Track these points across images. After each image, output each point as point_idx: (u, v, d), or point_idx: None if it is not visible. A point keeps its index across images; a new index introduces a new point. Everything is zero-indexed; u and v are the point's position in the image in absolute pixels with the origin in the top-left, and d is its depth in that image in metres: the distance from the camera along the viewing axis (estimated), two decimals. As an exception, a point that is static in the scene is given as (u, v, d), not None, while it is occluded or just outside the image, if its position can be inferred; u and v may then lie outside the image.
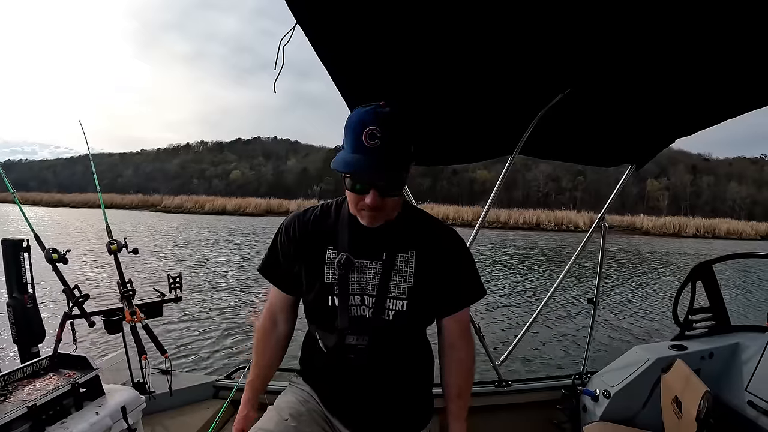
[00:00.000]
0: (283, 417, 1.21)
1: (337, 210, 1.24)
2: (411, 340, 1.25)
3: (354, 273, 1.16)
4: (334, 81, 1.50)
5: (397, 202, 1.13)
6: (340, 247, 1.18)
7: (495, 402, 2.38)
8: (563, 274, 2.61)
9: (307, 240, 1.22)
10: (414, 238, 1.19)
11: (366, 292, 1.16)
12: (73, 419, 1.37)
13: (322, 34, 1.26)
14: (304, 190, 70.49)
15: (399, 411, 1.24)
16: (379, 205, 1.06)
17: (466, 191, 65.11)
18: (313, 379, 1.31)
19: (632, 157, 2.40)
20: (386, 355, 1.18)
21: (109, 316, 1.96)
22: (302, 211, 1.29)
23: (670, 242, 29.18)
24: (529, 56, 1.47)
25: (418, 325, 1.23)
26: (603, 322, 7.57)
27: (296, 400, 1.28)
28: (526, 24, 1.28)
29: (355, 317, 1.17)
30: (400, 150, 1.03)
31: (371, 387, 1.21)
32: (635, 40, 1.36)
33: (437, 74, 1.55)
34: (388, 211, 1.10)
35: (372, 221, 1.10)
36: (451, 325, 1.25)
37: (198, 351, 5.65)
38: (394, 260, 1.16)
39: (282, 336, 1.35)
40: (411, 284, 1.15)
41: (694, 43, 1.37)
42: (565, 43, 1.39)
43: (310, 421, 1.23)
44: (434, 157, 2.30)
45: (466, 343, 1.27)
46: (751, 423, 2.05)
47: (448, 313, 1.24)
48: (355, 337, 1.16)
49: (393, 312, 1.15)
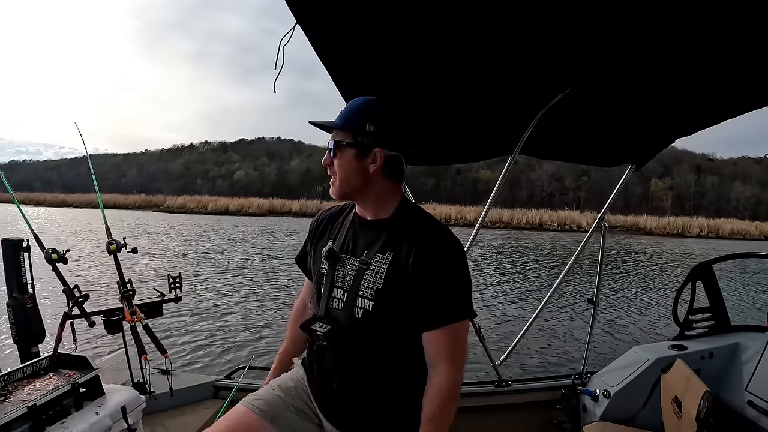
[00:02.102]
0: (272, 387, 1.36)
1: (350, 209, 1.35)
2: (390, 347, 1.19)
3: (340, 267, 1.24)
4: (334, 81, 1.51)
5: (348, 167, 1.20)
6: (336, 242, 1.28)
7: (495, 402, 2.38)
8: (563, 274, 2.61)
9: (320, 234, 1.37)
10: (396, 239, 1.18)
11: (344, 287, 1.22)
12: (73, 419, 1.36)
13: (322, 34, 1.27)
14: (307, 191, 70.49)
15: (368, 415, 1.22)
16: (328, 161, 1.22)
17: (470, 191, 64.99)
18: (305, 363, 1.41)
19: (632, 157, 2.39)
20: (352, 351, 1.21)
21: (109, 316, 1.96)
22: (328, 208, 1.44)
23: (674, 242, 29.06)
24: (529, 56, 1.47)
25: (392, 330, 1.17)
26: (603, 322, 7.55)
27: (289, 377, 1.40)
28: (526, 24, 1.28)
29: (331, 308, 1.24)
30: (349, 112, 1.19)
31: (336, 378, 1.24)
32: (635, 39, 1.36)
33: (437, 74, 1.55)
34: (339, 175, 1.20)
35: (330, 187, 1.23)
36: (430, 343, 1.16)
37: (198, 351, 5.67)
38: (369, 260, 1.19)
39: None
40: (380, 286, 1.15)
41: (694, 43, 1.36)
42: (566, 43, 1.39)
43: (296, 396, 1.33)
44: (435, 157, 2.30)
45: (446, 367, 1.14)
46: (751, 423, 2.05)
47: (425, 328, 1.15)
48: (320, 324, 1.22)
49: (362, 310, 1.18)
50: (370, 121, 1.16)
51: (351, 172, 1.20)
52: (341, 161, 1.20)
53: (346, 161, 1.19)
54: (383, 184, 1.22)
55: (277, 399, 1.30)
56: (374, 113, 1.18)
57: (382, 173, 1.20)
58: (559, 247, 21.78)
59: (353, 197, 1.26)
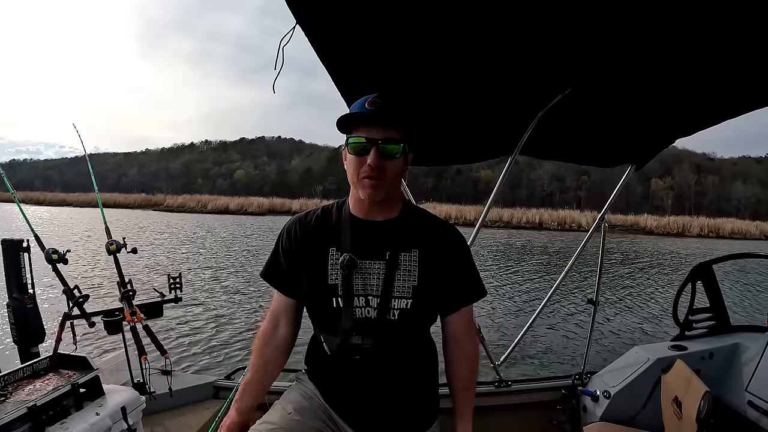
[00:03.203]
0: (287, 411, 1.24)
1: (338, 210, 1.26)
2: (416, 340, 1.25)
3: (358, 274, 1.17)
4: (334, 81, 1.51)
5: (398, 170, 1.15)
6: (343, 248, 1.19)
7: (495, 402, 2.38)
8: (563, 274, 2.60)
9: (309, 242, 1.24)
10: (416, 236, 1.21)
11: (371, 293, 1.16)
12: (73, 419, 1.37)
13: (322, 35, 1.27)
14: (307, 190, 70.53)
15: (404, 411, 1.23)
16: (380, 165, 1.10)
17: (470, 191, 64.93)
18: (317, 378, 1.32)
19: (632, 157, 2.39)
20: (391, 354, 1.18)
21: (109, 316, 1.96)
22: (303, 213, 1.31)
23: (674, 242, 29.05)
24: (529, 56, 1.47)
25: (423, 323, 1.24)
26: (603, 322, 7.55)
27: (301, 396, 1.29)
28: (526, 24, 1.28)
29: (359, 318, 1.16)
30: (399, 110, 1.13)
31: (376, 387, 1.20)
32: (635, 40, 1.36)
33: (438, 74, 1.55)
34: (389, 178, 1.13)
35: (373, 190, 1.12)
36: (456, 322, 1.28)
37: (198, 351, 5.66)
38: (397, 259, 1.17)
39: (283, 340, 1.34)
40: (416, 283, 1.17)
41: (694, 43, 1.36)
42: (566, 44, 1.39)
43: (314, 416, 1.24)
44: (435, 157, 2.30)
45: (471, 339, 1.31)
46: (751, 423, 2.04)
47: (453, 311, 1.26)
48: (359, 338, 1.15)
49: (398, 311, 1.16)
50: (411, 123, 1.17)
51: (401, 175, 1.18)
52: (399, 163, 1.15)
53: (403, 163, 1.17)
54: (400, 184, 1.25)
55: (296, 424, 1.20)
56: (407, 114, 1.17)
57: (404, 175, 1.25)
58: (559, 247, 21.77)
59: (385, 200, 1.18)
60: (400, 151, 1.13)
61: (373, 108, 1.11)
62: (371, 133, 1.10)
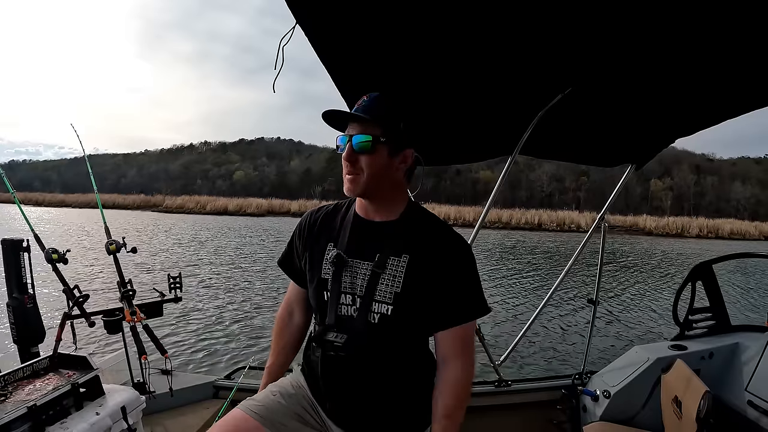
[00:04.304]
0: (272, 392, 1.29)
1: (346, 209, 1.29)
2: (403, 348, 1.20)
3: (347, 272, 1.18)
4: (334, 81, 1.51)
5: (378, 166, 1.14)
6: (338, 245, 1.21)
7: (495, 402, 2.38)
8: (563, 274, 2.61)
9: (313, 236, 1.28)
10: (411, 242, 1.17)
11: (356, 293, 1.17)
12: (73, 419, 1.36)
13: (322, 35, 1.27)
14: (306, 191, 70.51)
15: (382, 415, 1.21)
16: (351, 159, 1.12)
17: (470, 191, 64.95)
18: (306, 370, 1.34)
19: (632, 157, 2.40)
20: (369, 357, 1.16)
21: (109, 316, 1.96)
22: (317, 207, 1.36)
23: (673, 243, 29.06)
24: (529, 56, 1.47)
25: (409, 332, 1.19)
26: (603, 322, 7.56)
27: (289, 384, 1.33)
28: (526, 24, 1.28)
29: (342, 316, 1.18)
30: (380, 108, 1.12)
31: (352, 386, 1.19)
32: (635, 39, 1.36)
33: (437, 74, 1.55)
34: (366, 173, 1.13)
35: (350, 185, 1.14)
36: (444, 340, 1.18)
37: (198, 351, 5.66)
38: (384, 263, 1.15)
39: (297, 327, 1.43)
40: (398, 290, 1.13)
41: (695, 43, 1.36)
42: (566, 43, 1.39)
43: (296, 403, 1.27)
44: (435, 157, 2.30)
45: (462, 362, 1.18)
46: (751, 423, 2.05)
47: (442, 327, 1.17)
48: (334, 334, 1.16)
49: (378, 315, 1.14)
50: (403, 121, 1.15)
51: (381, 170, 1.14)
52: (373, 157, 1.12)
53: (380, 158, 1.13)
54: (401, 185, 1.22)
55: (278, 405, 1.24)
56: (404, 113, 1.15)
57: (404, 174, 1.21)
58: (559, 247, 21.77)
59: (373, 196, 1.19)
60: (369, 144, 1.11)
61: (359, 104, 1.14)
62: (350, 130, 1.14)
